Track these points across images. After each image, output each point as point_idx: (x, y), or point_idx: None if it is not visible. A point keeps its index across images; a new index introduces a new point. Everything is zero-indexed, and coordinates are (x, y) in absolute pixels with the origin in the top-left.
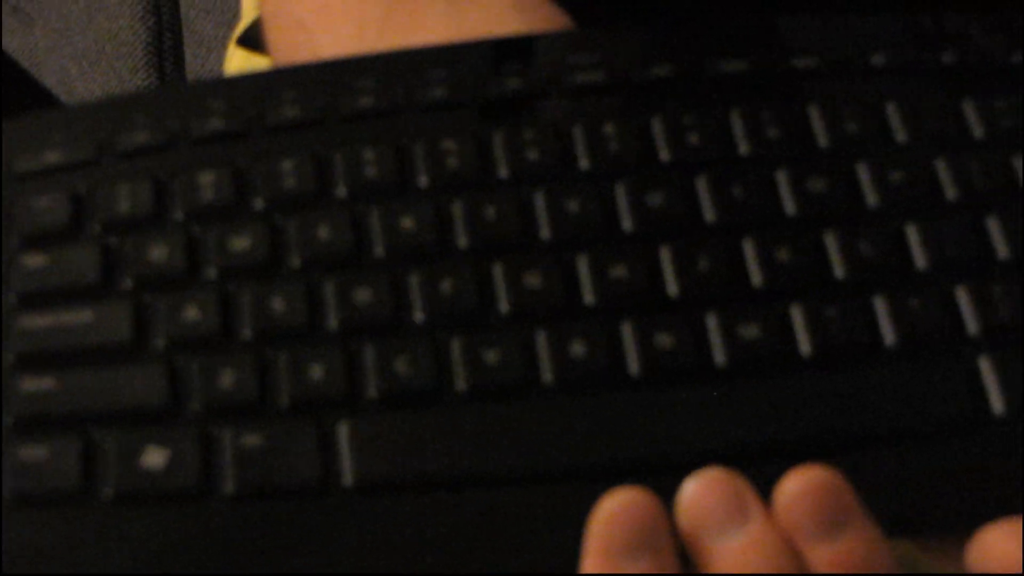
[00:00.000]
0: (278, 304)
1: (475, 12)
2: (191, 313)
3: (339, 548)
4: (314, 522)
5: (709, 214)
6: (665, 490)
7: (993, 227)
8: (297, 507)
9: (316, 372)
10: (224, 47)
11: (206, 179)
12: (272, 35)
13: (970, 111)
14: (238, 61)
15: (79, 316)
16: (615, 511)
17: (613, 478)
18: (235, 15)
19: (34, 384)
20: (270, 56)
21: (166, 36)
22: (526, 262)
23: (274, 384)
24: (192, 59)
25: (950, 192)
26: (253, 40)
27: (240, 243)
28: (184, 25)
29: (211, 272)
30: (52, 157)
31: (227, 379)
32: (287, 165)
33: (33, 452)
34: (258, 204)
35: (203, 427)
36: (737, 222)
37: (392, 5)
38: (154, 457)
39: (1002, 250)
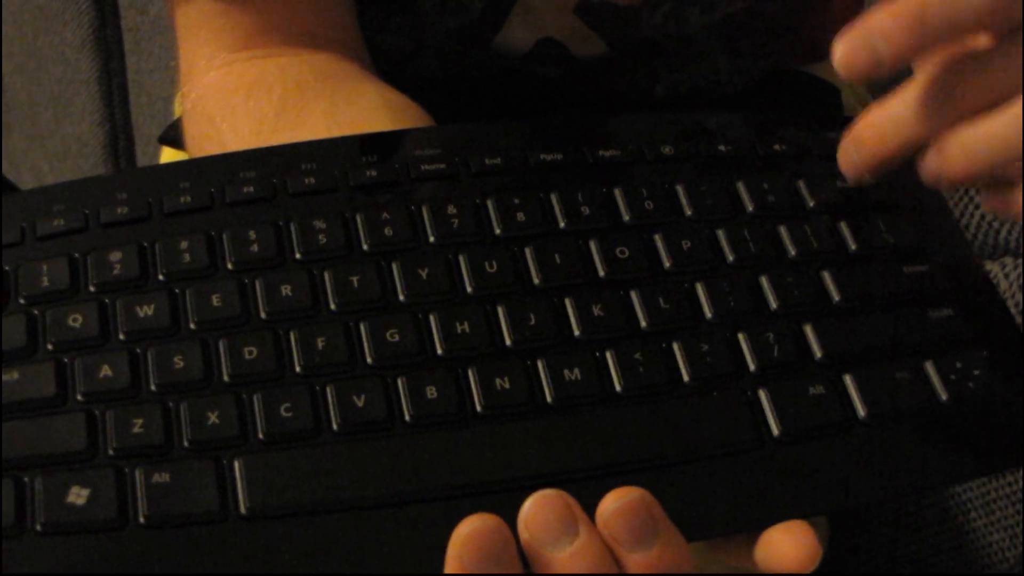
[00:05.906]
0: (179, 361)
1: (351, 111)
2: (105, 370)
3: (237, 567)
4: (215, 545)
5: (536, 278)
6: (508, 506)
7: (765, 283)
8: (200, 533)
9: (212, 418)
10: None
11: (114, 257)
12: (188, 130)
13: (743, 190)
14: (167, 156)
15: (7, 376)
16: (469, 533)
17: (465, 499)
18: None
19: None
20: (187, 150)
21: (120, 138)
22: (386, 321)
23: (177, 429)
24: (142, 156)
25: (730, 256)
26: (174, 138)
27: (145, 309)
28: (134, 129)
29: (121, 335)
30: None
31: (137, 426)
32: (183, 244)
33: None
34: (159, 277)
35: (118, 468)
36: (559, 284)
37: (284, 105)
38: (77, 494)
39: (773, 302)
